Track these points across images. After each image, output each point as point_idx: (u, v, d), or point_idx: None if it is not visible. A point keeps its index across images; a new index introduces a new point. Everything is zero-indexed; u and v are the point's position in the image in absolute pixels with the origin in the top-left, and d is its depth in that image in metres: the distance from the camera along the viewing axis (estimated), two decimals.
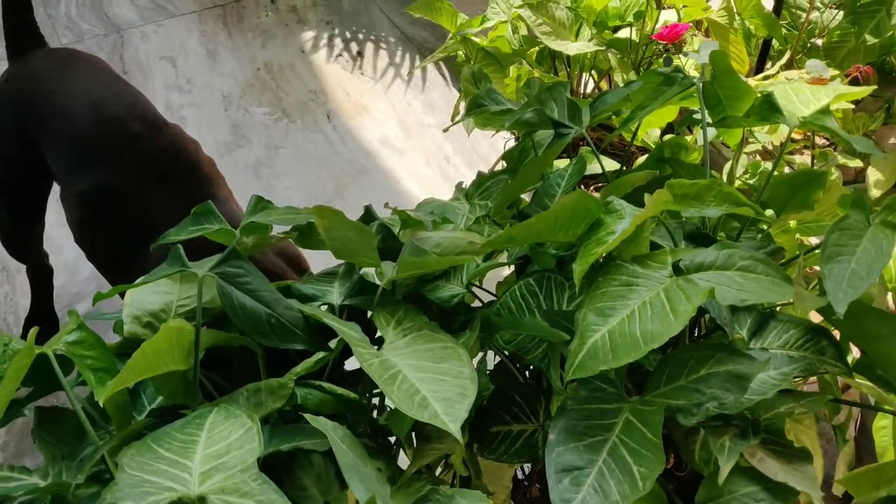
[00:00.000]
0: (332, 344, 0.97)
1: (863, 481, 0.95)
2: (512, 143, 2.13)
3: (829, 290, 0.81)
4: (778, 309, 1.04)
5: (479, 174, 1.23)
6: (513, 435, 0.97)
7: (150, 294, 0.98)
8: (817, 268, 1.18)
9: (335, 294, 1.02)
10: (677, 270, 0.86)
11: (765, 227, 1.08)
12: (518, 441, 0.96)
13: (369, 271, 1.09)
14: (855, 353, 1.08)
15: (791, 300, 0.83)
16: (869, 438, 1.34)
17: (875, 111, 1.85)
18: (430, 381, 0.82)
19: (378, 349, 0.89)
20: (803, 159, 1.69)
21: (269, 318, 0.89)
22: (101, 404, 0.79)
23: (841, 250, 0.84)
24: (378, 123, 2.59)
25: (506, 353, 1.07)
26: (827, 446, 1.44)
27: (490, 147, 2.49)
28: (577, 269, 0.85)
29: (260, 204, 1.09)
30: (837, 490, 1.23)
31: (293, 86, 2.71)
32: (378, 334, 0.98)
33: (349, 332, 0.88)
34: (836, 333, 1.00)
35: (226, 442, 0.75)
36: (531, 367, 1.09)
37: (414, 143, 2.53)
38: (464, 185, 1.27)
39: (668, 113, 1.26)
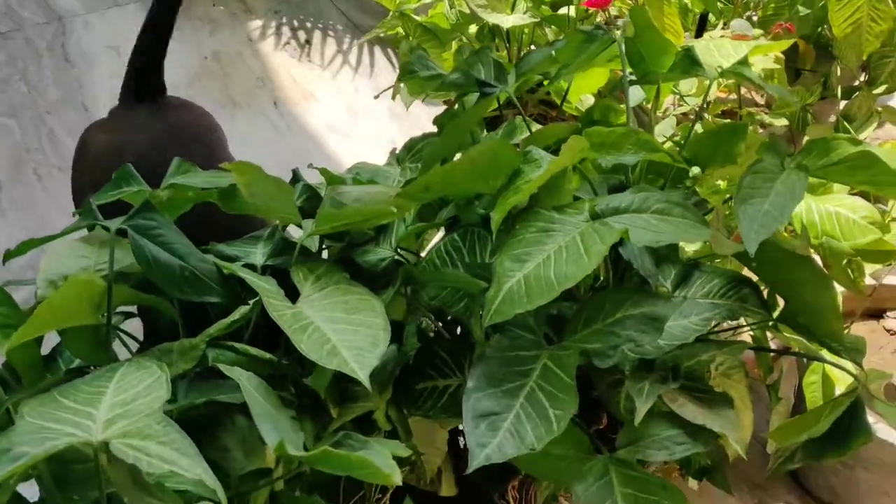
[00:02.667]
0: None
1: (789, 431, 0.96)
2: None
3: (743, 230, 0.82)
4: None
5: (411, 138, 1.23)
6: (438, 390, 0.96)
7: (67, 258, 0.96)
8: None
9: (258, 254, 1.01)
10: (594, 216, 0.86)
11: (689, 183, 1.08)
12: (444, 396, 0.96)
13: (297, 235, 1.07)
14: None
15: (707, 241, 0.84)
16: (803, 399, 1.35)
17: (812, 85, 1.87)
18: (342, 331, 0.81)
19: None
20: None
21: (182, 270, 0.87)
22: (3, 355, 0.77)
23: (754, 192, 0.85)
24: (325, 109, 2.57)
25: (432, 314, 1.06)
26: (765, 411, 1.45)
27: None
28: (494, 217, 0.85)
29: (182, 167, 1.07)
30: (770, 447, 1.24)
31: (240, 74, 2.68)
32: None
33: (263, 284, 0.86)
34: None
35: (134, 390, 0.74)
36: (459, 329, 1.09)
37: (361, 128, 2.52)
38: (397, 151, 1.27)
39: (599, 77, 1.26)
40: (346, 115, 2.55)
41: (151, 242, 0.87)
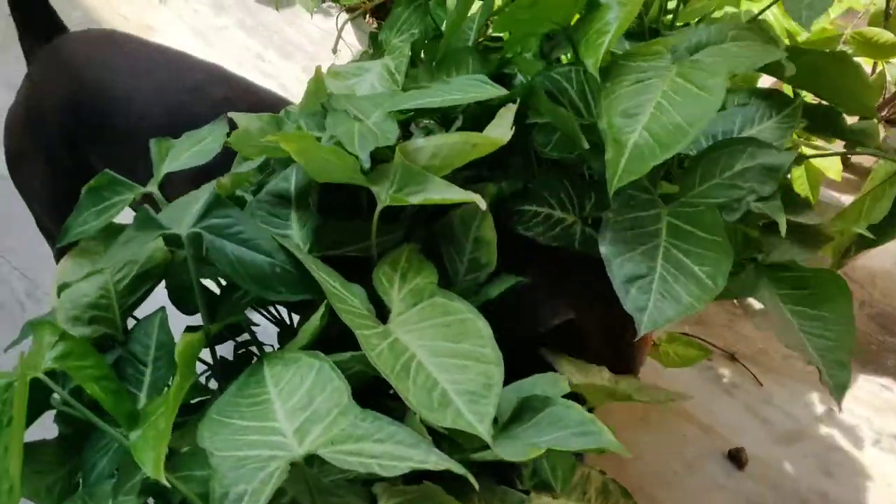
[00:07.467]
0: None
1: (847, 217, 1.02)
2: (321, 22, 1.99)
3: (794, 14, 0.81)
4: None
5: (391, 12, 1.10)
6: (552, 220, 0.92)
7: (83, 285, 0.83)
8: None
9: (296, 236, 0.83)
10: (675, 55, 0.83)
11: None
12: (556, 228, 0.92)
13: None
14: None
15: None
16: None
17: None
18: (448, 368, 0.69)
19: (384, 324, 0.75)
20: None
21: (272, 267, 0.75)
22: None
23: None
24: (170, 39, 2.36)
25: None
26: None
27: (298, 33, 2.34)
28: (590, 62, 0.81)
29: (162, 147, 0.94)
30: None
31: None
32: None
33: (349, 306, 0.73)
34: None
35: (303, 389, 0.67)
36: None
37: (218, 49, 2.33)
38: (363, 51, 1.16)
39: None
40: (196, 40, 2.35)
41: (230, 242, 0.75)
